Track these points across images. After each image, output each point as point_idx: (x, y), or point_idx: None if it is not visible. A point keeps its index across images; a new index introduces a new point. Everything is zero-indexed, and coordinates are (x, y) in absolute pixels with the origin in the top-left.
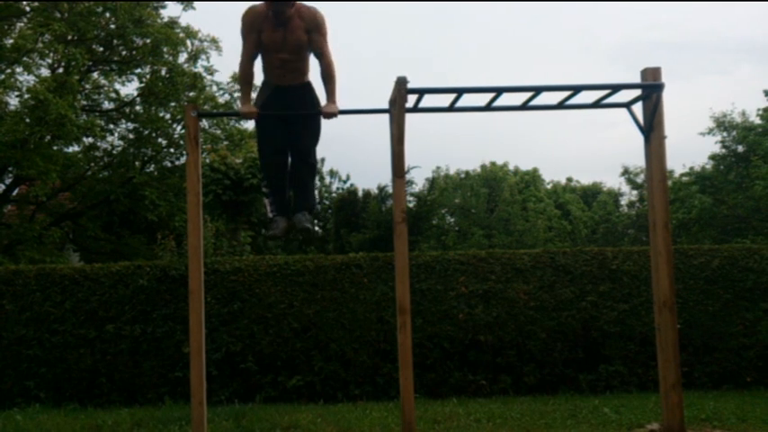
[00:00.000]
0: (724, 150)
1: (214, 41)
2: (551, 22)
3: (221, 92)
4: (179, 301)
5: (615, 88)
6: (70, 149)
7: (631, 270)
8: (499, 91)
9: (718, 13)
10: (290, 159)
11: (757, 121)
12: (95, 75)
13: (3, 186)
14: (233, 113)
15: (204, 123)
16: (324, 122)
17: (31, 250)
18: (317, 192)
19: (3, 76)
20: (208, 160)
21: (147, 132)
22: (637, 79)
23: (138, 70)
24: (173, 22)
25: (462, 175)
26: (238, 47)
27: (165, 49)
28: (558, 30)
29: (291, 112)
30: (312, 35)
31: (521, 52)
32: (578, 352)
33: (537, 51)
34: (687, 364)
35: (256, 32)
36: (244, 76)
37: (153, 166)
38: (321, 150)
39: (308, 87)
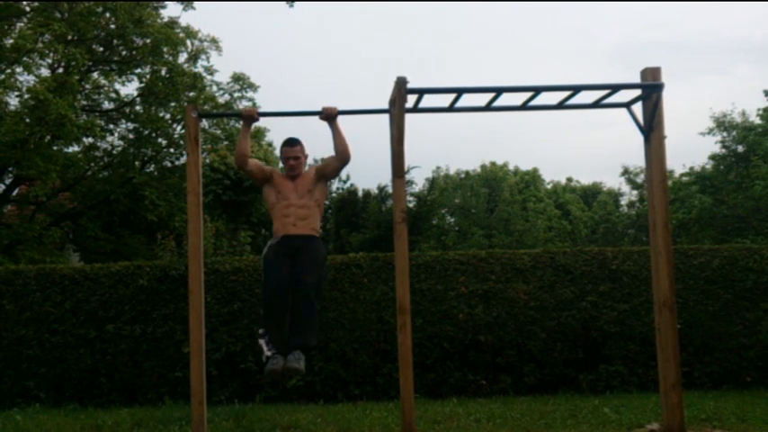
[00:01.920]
0: (724, 150)
1: (214, 41)
2: (550, 22)
3: (221, 92)
4: (179, 301)
5: (615, 88)
6: (70, 149)
7: (631, 270)
8: (499, 91)
9: (716, 13)
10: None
11: (757, 121)
12: (95, 75)
13: (3, 186)
14: (233, 113)
15: (204, 123)
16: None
17: (31, 250)
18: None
19: (3, 76)
20: (208, 160)
21: (147, 132)
22: (636, 79)
23: (138, 70)
24: (173, 23)
25: (462, 175)
26: (238, 47)
27: (165, 49)
28: (557, 30)
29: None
30: (324, 168)
31: (520, 52)
32: (578, 352)
33: (536, 51)
34: (687, 364)
35: (266, 173)
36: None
37: (153, 166)
38: (321, 150)
39: (317, 240)
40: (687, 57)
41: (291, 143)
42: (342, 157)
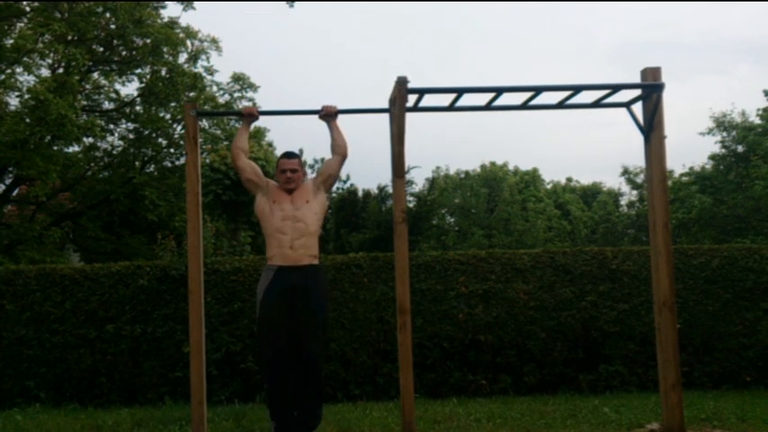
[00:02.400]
0: (724, 150)
1: (214, 41)
2: (550, 22)
3: (221, 92)
4: (179, 301)
5: (615, 88)
6: (70, 149)
7: (631, 270)
8: (499, 91)
9: (716, 13)
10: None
11: (757, 120)
12: (95, 75)
13: (3, 186)
14: (233, 113)
15: (204, 123)
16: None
17: (32, 250)
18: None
19: (3, 77)
20: (208, 160)
21: (147, 132)
22: (636, 79)
23: (139, 70)
24: (173, 23)
25: (462, 175)
26: (238, 47)
27: (165, 50)
28: (557, 30)
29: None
30: (320, 177)
31: (520, 52)
32: (578, 352)
33: (536, 51)
34: (687, 364)
35: (262, 180)
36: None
37: (153, 166)
38: (321, 151)
39: (316, 270)
40: (687, 57)
41: (289, 156)
42: (340, 150)
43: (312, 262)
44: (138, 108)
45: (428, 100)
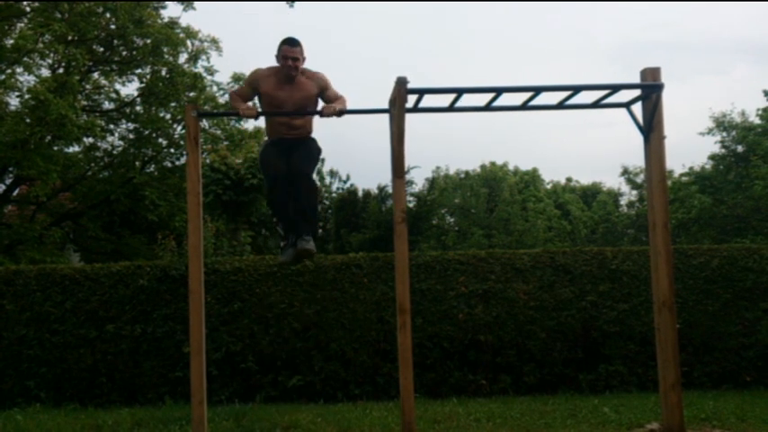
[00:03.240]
0: (723, 150)
1: (214, 42)
2: (550, 22)
3: (221, 92)
4: (179, 301)
5: (615, 88)
6: (70, 150)
7: (631, 270)
8: (499, 91)
9: (716, 13)
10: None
11: (757, 121)
12: (96, 75)
13: (3, 186)
14: (233, 113)
15: (204, 123)
16: (325, 123)
17: (32, 250)
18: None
19: (3, 77)
20: (208, 160)
21: (147, 132)
22: (636, 79)
23: (139, 70)
24: (173, 23)
25: (462, 175)
26: (238, 47)
27: (165, 50)
28: (557, 30)
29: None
30: (322, 93)
31: (520, 52)
32: (578, 352)
33: (536, 51)
34: (687, 364)
35: (253, 90)
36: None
37: (153, 166)
38: (322, 151)
39: (311, 139)
40: (687, 57)
41: (292, 43)
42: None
43: (307, 135)
44: (138, 108)
45: (428, 100)
